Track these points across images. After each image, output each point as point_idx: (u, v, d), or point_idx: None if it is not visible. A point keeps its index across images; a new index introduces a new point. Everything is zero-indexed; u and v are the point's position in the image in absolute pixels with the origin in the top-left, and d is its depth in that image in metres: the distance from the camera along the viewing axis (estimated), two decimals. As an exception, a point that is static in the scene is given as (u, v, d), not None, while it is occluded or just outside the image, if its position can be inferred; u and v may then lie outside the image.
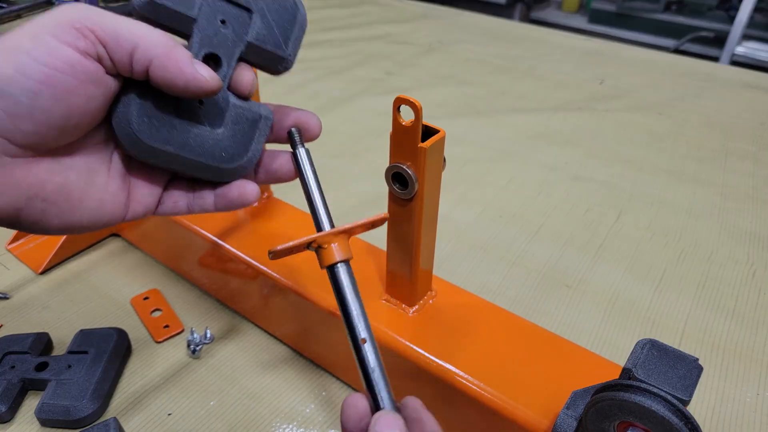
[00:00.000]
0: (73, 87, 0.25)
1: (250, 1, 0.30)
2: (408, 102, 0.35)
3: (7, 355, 0.48)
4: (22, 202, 0.26)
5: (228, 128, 0.31)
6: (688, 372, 0.30)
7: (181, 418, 0.46)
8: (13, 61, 0.24)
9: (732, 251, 0.65)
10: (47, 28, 0.24)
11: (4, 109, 0.24)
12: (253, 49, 0.31)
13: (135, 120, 0.28)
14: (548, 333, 0.43)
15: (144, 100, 0.28)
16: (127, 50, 0.25)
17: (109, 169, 0.29)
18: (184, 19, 0.28)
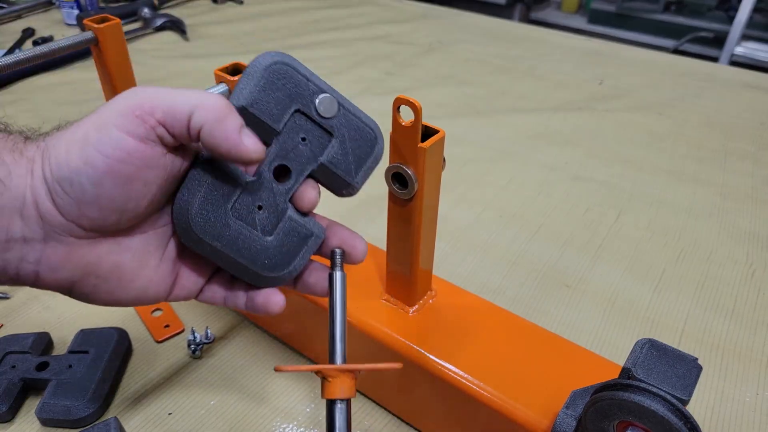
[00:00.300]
0: (131, 174, 0.26)
1: (333, 126, 0.31)
2: (408, 102, 0.35)
3: (8, 355, 0.48)
4: (77, 277, 0.28)
5: (278, 238, 0.31)
6: (688, 371, 0.30)
7: (181, 417, 0.46)
8: (81, 154, 0.26)
9: (731, 251, 0.65)
10: (111, 118, 0.26)
11: (73, 197, 0.26)
12: (324, 170, 0.32)
13: (194, 210, 0.29)
14: (548, 333, 0.43)
15: (208, 194, 0.29)
16: (184, 120, 0.26)
17: (164, 253, 0.31)
18: (269, 130, 0.30)
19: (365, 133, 0.32)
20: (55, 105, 0.93)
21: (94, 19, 0.61)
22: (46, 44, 0.58)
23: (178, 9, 1.33)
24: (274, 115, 0.29)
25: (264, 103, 0.29)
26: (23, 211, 0.26)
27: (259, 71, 0.29)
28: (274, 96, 0.29)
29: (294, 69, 0.30)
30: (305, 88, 0.30)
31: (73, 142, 0.26)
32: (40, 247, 0.27)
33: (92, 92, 0.94)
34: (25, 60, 0.56)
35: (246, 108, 0.29)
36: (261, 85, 0.29)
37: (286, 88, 0.30)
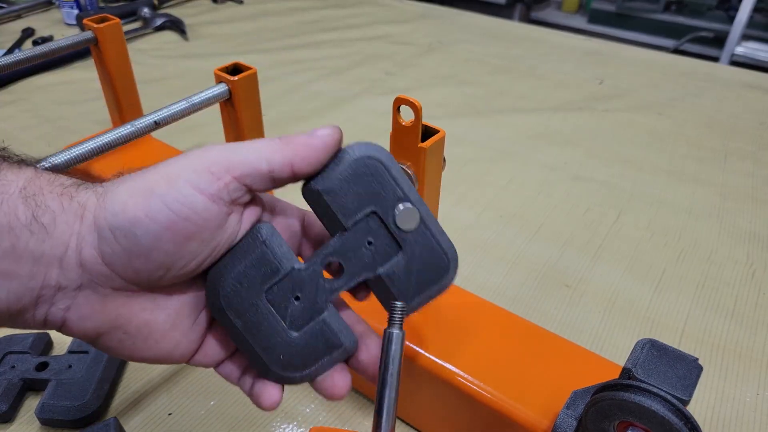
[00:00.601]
0: (191, 232, 0.25)
1: (406, 240, 0.28)
2: (408, 102, 0.35)
3: (8, 355, 0.48)
4: (105, 330, 0.27)
5: (303, 337, 0.28)
6: (688, 372, 0.30)
7: (181, 417, 0.46)
8: (144, 204, 0.25)
9: (732, 251, 0.65)
10: (184, 172, 0.25)
11: (124, 247, 0.25)
12: (379, 282, 0.29)
13: (228, 279, 0.27)
14: (548, 333, 0.43)
15: (249, 268, 0.27)
16: (266, 172, 0.26)
17: (197, 318, 0.30)
18: (337, 223, 0.28)
19: (438, 258, 0.29)
20: (55, 105, 0.93)
21: (93, 19, 0.61)
22: (45, 44, 0.58)
23: (177, 9, 1.33)
24: (346, 211, 0.27)
25: (341, 194, 0.27)
26: (63, 259, 0.25)
27: (349, 160, 0.27)
28: (354, 190, 0.27)
29: (386, 168, 0.27)
30: (390, 193, 0.28)
31: (138, 192, 0.25)
32: (73, 294, 0.26)
33: (92, 92, 0.94)
34: (25, 60, 0.56)
35: (321, 193, 0.27)
36: (344, 176, 0.27)
37: (370, 187, 0.27)
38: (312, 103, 0.95)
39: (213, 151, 0.26)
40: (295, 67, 1.07)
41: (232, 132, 0.54)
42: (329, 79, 1.04)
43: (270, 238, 0.28)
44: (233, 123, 0.54)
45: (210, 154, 0.26)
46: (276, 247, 0.28)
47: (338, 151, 0.28)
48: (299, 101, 0.96)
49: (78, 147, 0.45)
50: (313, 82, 1.02)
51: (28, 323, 0.26)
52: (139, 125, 0.48)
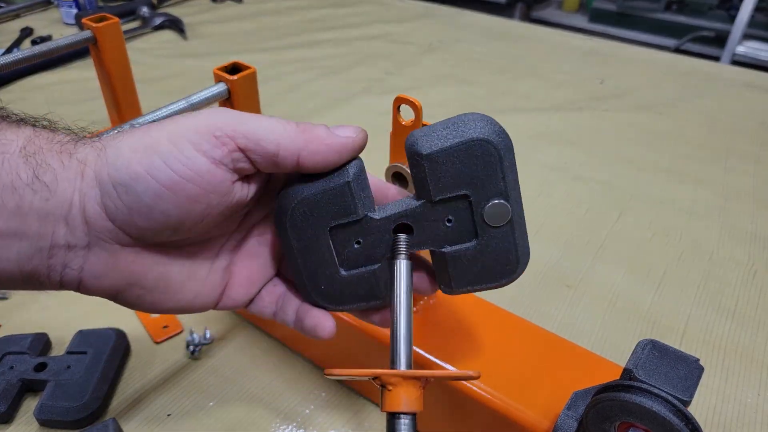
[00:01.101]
0: (195, 195, 0.25)
1: (486, 233, 0.27)
2: (408, 101, 0.34)
3: (6, 356, 0.48)
4: (122, 286, 0.27)
5: (349, 277, 0.29)
6: (689, 372, 0.30)
7: (180, 418, 0.46)
8: (145, 161, 0.24)
9: (733, 251, 0.65)
10: (188, 134, 0.24)
11: (126, 203, 0.24)
12: (440, 259, 0.28)
13: (299, 201, 0.27)
14: (549, 333, 0.43)
15: (322, 199, 0.27)
16: (272, 153, 0.25)
17: (213, 264, 0.29)
18: (426, 192, 0.26)
19: (508, 261, 0.28)
20: (54, 104, 0.93)
21: (92, 18, 0.60)
22: (44, 43, 0.58)
23: (176, 8, 1.33)
24: (441, 185, 0.26)
25: (443, 168, 0.25)
26: (68, 217, 0.25)
27: (468, 137, 0.25)
28: (458, 168, 0.26)
29: (500, 158, 0.25)
30: (492, 184, 0.26)
31: (140, 148, 0.24)
32: (84, 254, 0.26)
33: (91, 91, 0.93)
34: (24, 59, 0.56)
35: (423, 158, 0.25)
36: (455, 151, 0.25)
37: (475, 171, 0.26)
38: (311, 102, 0.95)
39: (222, 115, 0.25)
40: (294, 66, 1.07)
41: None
42: (329, 78, 1.03)
43: (356, 179, 0.26)
44: (232, 122, 0.53)
45: (218, 118, 0.25)
46: (358, 190, 0.27)
47: (461, 117, 0.26)
48: (299, 101, 0.96)
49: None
50: (313, 81, 1.02)
51: (44, 285, 0.26)
52: (138, 125, 0.48)
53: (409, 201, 0.27)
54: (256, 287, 0.31)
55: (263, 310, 0.31)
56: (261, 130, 0.25)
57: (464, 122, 0.26)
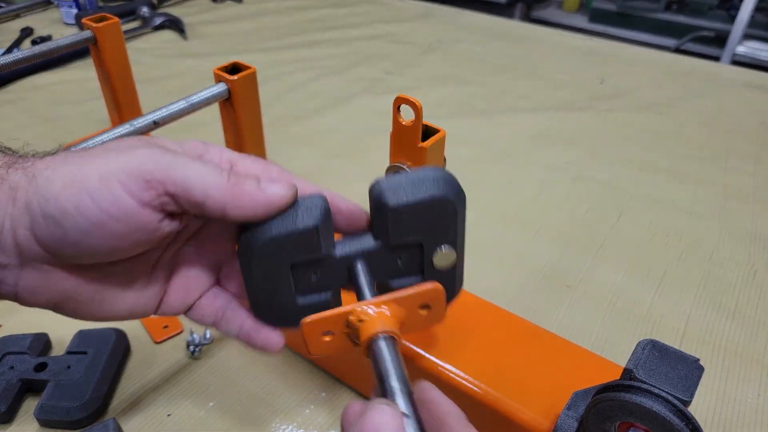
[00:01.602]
0: (122, 233, 0.25)
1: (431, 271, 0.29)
2: (408, 101, 0.34)
3: (6, 356, 0.48)
4: (58, 300, 0.28)
5: (303, 303, 0.30)
6: (689, 372, 0.30)
7: (180, 418, 0.46)
8: (75, 198, 0.24)
9: (733, 251, 0.65)
10: (119, 173, 0.25)
11: (54, 235, 0.25)
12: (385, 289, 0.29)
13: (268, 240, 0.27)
14: (549, 333, 0.43)
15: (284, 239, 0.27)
16: (198, 202, 0.26)
17: (149, 276, 0.30)
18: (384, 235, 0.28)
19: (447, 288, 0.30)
20: (54, 104, 0.93)
21: (92, 18, 0.60)
22: (44, 43, 0.58)
23: (176, 8, 1.33)
24: (398, 233, 0.28)
25: (403, 219, 0.27)
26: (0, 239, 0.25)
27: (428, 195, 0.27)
28: (415, 221, 0.28)
29: (454, 213, 0.28)
30: (444, 234, 0.28)
31: (70, 183, 0.25)
32: (17, 272, 0.26)
33: (91, 91, 0.93)
34: (24, 59, 0.56)
35: (387, 208, 0.27)
36: (417, 206, 0.27)
37: (431, 223, 0.28)
38: (311, 102, 0.95)
39: (155, 158, 0.26)
40: (294, 66, 1.07)
41: (232, 131, 0.54)
42: (329, 78, 1.03)
43: (323, 222, 0.27)
44: (233, 122, 0.53)
45: (150, 162, 0.25)
46: (324, 231, 0.28)
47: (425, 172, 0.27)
48: (299, 100, 0.96)
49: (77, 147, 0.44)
50: (313, 81, 1.02)
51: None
52: (138, 125, 0.48)
53: (367, 240, 0.29)
54: (194, 296, 0.32)
55: (203, 318, 0.32)
56: (191, 178, 0.25)
57: (427, 179, 0.27)
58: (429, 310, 0.28)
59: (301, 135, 0.86)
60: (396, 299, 0.27)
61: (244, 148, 0.54)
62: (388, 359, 0.25)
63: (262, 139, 0.56)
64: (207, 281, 0.32)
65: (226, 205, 0.26)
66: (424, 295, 0.27)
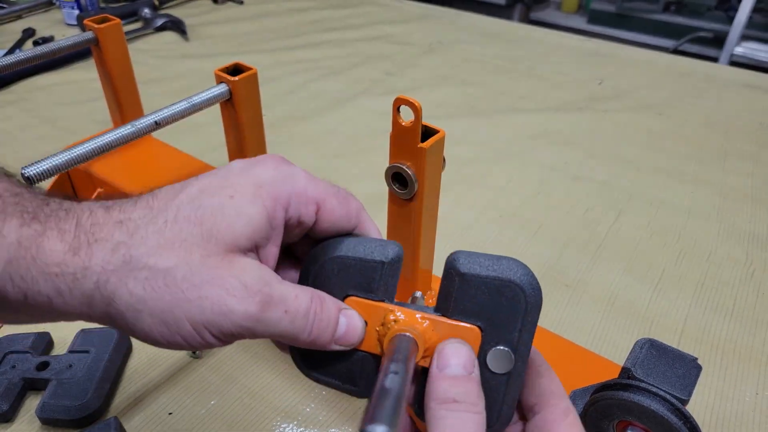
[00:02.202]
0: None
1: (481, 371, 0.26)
2: (408, 102, 0.35)
3: (8, 355, 0.48)
4: None
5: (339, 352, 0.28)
6: (687, 371, 0.30)
7: (181, 417, 0.46)
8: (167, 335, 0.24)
9: (731, 251, 0.65)
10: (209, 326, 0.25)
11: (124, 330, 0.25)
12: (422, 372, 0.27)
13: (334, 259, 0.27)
14: (548, 332, 0.43)
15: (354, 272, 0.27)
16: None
17: None
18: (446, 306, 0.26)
19: (490, 412, 0.26)
20: (56, 105, 0.93)
21: (94, 19, 0.61)
22: (46, 44, 0.59)
23: (178, 9, 1.33)
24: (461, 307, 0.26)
25: (470, 292, 0.25)
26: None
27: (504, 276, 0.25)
28: (483, 299, 0.25)
29: (525, 309, 0.25)
30: (507, 329, 0.26)
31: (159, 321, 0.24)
32: None
33: (92, 92, 0.94)
34: (26, 60, 0.56)
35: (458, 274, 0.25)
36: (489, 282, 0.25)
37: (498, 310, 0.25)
38: (312, 103, 0.95)
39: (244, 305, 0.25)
40: (295, 67, 1.07)
41: (233, 132, 0.55)
42: (329, 79, 1.04)
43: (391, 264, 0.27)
44: (234, 123, 0.54)
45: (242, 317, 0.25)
46: (387, 275, 0.27)
47: (509, 259, 0.26)
48: (299, 101, 0.96)
49: (78, 147, 0.45)
50: (314, 82, 1.03)
51: None
52: (140, 125, 0.48)
53: (427, 310, 0.27)
54: None
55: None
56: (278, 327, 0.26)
57: (509, 265, 0.26)
58: None
59: (302, 135, 0.86)
60: (435, 320, 0.26)
61: (245, 148, 0.55)
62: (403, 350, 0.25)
63: (263, 139, 0.57)
64: None
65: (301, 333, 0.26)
66: (461, 330, 0.26)
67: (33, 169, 0.42)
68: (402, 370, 0.23)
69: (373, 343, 0.27)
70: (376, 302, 0.27)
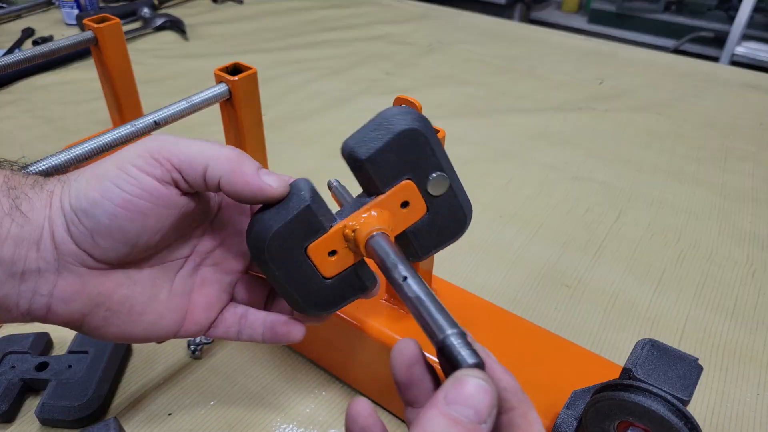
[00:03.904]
0: (146, 209, 0.28)
1: (433, 203, 0.30)
2: (408, 102, 0.35)
3: (8, 355, 0.48)
4: (89, 309, 0.29)
5: (335, 282, 0.31)
6: (688, 372, 0.30)
7: (181, 417, 0.46)
8: (99, 187, 0.27)
9: (731, 251, 0.65)
10: (131, 158, 0.28)
11: (88, 227, 0.28)
12: (403, 237, 0.31)
13: (272, 236, 0.29)
14: (548, 333, 0.43)
15: (290, 227, 0.29)
16: (200, 171, 0.28)
17: (172, 286, 0.32)
18: (374, 188, 0.29)
19: (459, 215, 0.31)
20: (55, 105, 0.93)
21: (93, 19, 0.61)
22: (45, 44, 0.58)
23: (177, 9, 1.33)
24: (385, 178, 0.29)
25: (381, 164, 0.28)
26: (39, 242, 0.27)
27: (393, 132, 0.28)
28: (394, 159, 0.28)
29: (426, 139, 0.29)
30: (426, 162, 0.29)
31: (93, 177, 0.28)
32: (53, 279, 0.28)
33: (92, 92, 0.94)
34: (25, 60, 0.56)
35: (363, 163, 0.28)
36: (387, 146, 0.28)
37: (410, 157, 0.29)
38: (312, 103, 0.95)
39: (158, 140, 0.29)
40: (295, 67, 1.07)
41: (233, 132, 0.54)
42: (329, 79, 1.04)
43: (313, 200, 0.29)
44: (233, 123, 0.54)
45: (154, 142, 0.28)
46: (318, 208, 0.29)
47: (383, 114, 0.28)
48: (299, 101, 0.96)
49: (78, 147, 0.45)
50: (313, 82, 1.02)
51: (11, 313, 0.28)
52: (139, 125, 0.48)
53: (362, 200, 0.30)
54: (215, 312, 0.34)
55: (228, 331, 0.34)
56: (193, 152, 0.28)
57: (387, 119, 0.28)
58: (409, 206, 0.30)
59: (302, 135, 0.86)
60: (377, 203, 0.29)
61: (244, 148, 0.54)
62: (389, 251, 0.27)
63: (263, 139, 0.56)
64: (225, 298, 0.34)
65: (222, 176, 0.28)
66: (399, 191, 0.29)
67: (33, 169, 0.42)
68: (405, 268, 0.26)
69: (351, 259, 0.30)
70: (328, 232, 0.29)
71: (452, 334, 0.23)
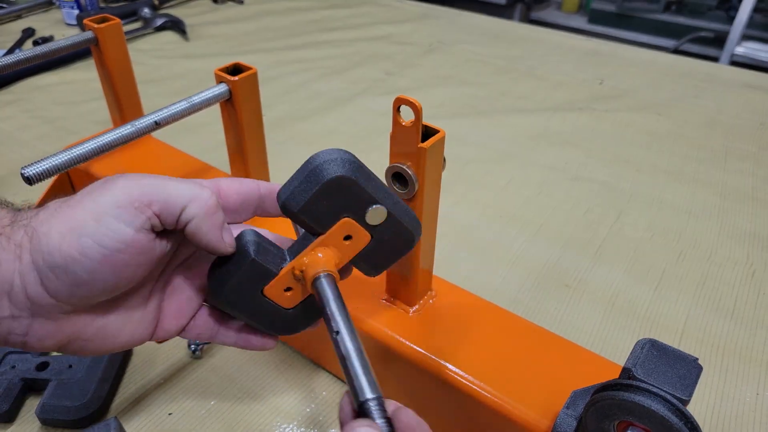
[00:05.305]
0: (126, 261, 0.27)
1: (376, 230, 0.31)
2: (408, 102, 0.35)
3: (8, 355, 0.48)
4: (65, 343, 0.29)
5: (298, 310, 0.32)
6: (688, 372, 0.30)
7: (181, 417, 0.46)
8: (76, 244, 0.26)
9: (731, 251, 0.65)
10: (109, 209, 0.27)
11: (65, 282, 0.27)
12: (355, 261, 0.32)
13: (228, 288, 0.30)
14: (548, 333, 0.43)
15: (245, 276, 0.30)
16: (177, 213, 0.28)
17: (145, 307, 0.32)
18: (316, 231, 0.30)
19: (405, 235, 0.32)
20: (55, 105, 0.93)
21: (94, 19, 0.61)
22: (46, 44, 0.59)
23: (178, 9, 1.33)
24: (323, 223, 0.30)
25: (315, 212, 0.29)
26: (11, 294, 0.27)
27: (320, 183, 0.28)
28: (326, 206, 0.29)
29: (353, 182, 0.29)
30: (359, 200, 0.30)
31: (68, 231, 0.26)
32: (28, 323, 0.28)
33: (92, 92, 0.94)
34: (26, 60, 0.56)
35: (297, 214, 0.29)
36: (317, 196, 0.29)
37: (341, 201, 0.29)
38: (312, 103, 0.95)
39: (140, 184, 0.28)
40: (295, 67, 1.07)
41: (233, 132, 0.54)
42: (329, 79, 1.04)
43: (257, 252, 0.30)
44: (233, 123, 0.54)
45: (135, 190, 0.27)
46: (264, 257, 0.30)
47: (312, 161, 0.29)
48: (299, 101, 0.96)
49: (78, 147, 0.45)
50: (314, 82, 1.02)
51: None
52: (140, 125, 0.48)
53: (308, 239, 0.31)
54: (186, 318, 0.34)
55: (200, 336, 0.34)
56: (172, 194, 0.28)
57: (315, 168, 0.29)
58: (352, 238, 0.31)
59: (302, 135, 0.86)
60: (320, 242, 0.30)
61: (244, 148, 0.54)
62: (329, 297, 0.28)
63: (263, 139, 0.57)
64: (197, 303, 0.34)
65: (194, 218, 0.28)
66: (339, 229, 0.30)
67: (33, 169, 0.42)
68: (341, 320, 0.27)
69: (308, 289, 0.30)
70: (278, 276, 0.30)
71: (371, 399, 0.25)
